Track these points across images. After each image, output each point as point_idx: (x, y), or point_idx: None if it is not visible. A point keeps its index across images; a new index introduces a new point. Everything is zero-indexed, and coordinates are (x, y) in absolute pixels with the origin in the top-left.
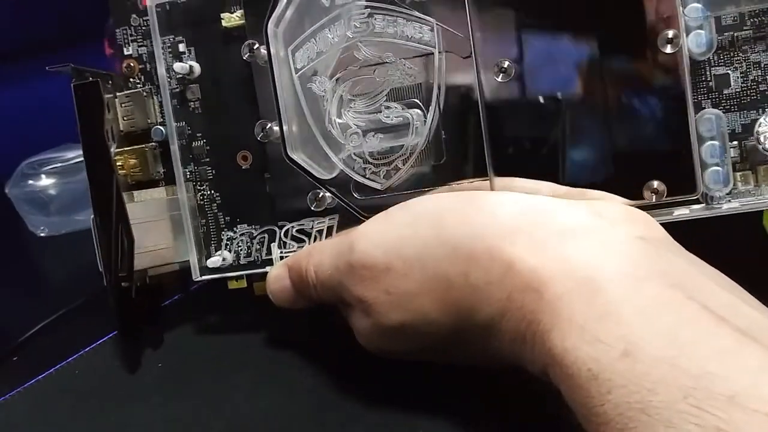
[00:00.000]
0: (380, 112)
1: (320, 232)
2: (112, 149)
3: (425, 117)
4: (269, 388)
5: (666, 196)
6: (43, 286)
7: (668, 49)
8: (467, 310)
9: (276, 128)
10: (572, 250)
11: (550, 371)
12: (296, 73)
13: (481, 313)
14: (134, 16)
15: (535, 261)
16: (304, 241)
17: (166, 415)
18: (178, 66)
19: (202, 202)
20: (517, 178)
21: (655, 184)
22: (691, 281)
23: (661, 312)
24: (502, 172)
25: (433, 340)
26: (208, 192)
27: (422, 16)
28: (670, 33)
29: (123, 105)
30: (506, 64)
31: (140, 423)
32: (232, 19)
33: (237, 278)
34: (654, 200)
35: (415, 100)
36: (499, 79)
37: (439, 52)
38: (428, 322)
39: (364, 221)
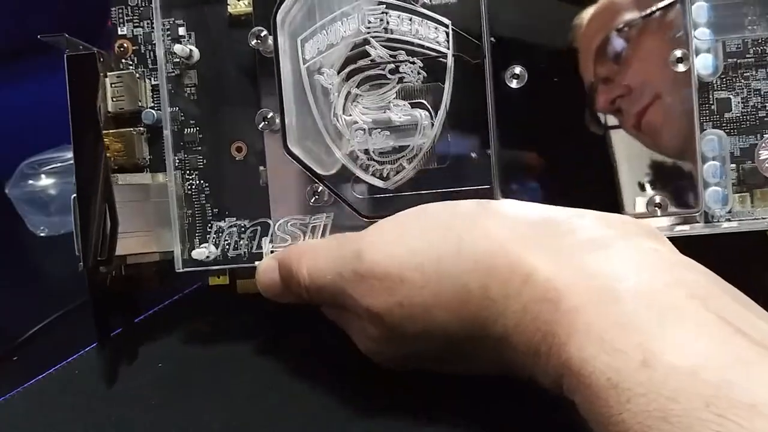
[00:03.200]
0: (388, 110)
1: (315, 228)
2: None
3: (433, 119)
4: (269, 389)
5: (667, 212)
6: (43, 286)
7: (678, 68)
8: (483, 322)
9: (278, 119)
10: (588, 261)
11: (565, 382)
12: (304, 64)
13: (496, 325)
14: None
15: (552, 272)
16: (298, 236)
17: (166, 414)
18: (178, 48)
19: (189, 192)
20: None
21: (658, 198)
22: (707, 292)
23: (679, 321)
24: (506, 180)
25: (444, 351)
26: (197, 182)
27: (437, 17)
28: (679, 52)
29: (113, 85)
30: (518, 69)
31: (140, 423)
32: (238, 5)
33: (219, 274)
34: (660, 214)
35: (424, 101)
36: (512, 85)
37: (453, 55)
38: (442, 333)
39: (361, 220)
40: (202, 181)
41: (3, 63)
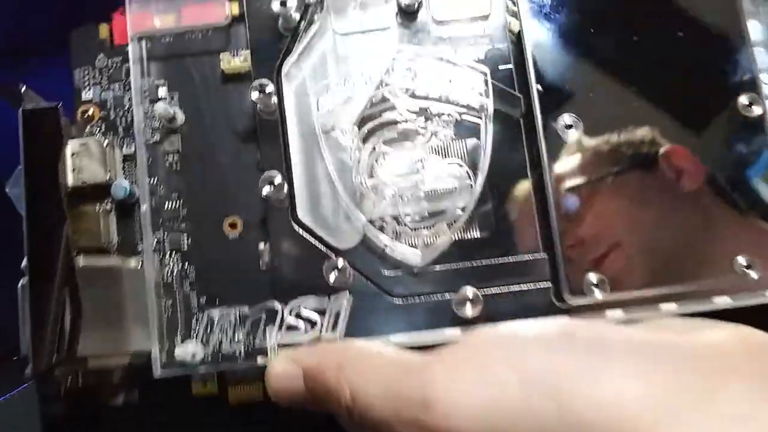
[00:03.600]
0: (421, 169)
1: (335, 313)
2: None
3: (472, 180)
4: None
5: (758, 273)
6: None
7: (749, 113)
8: None
9: (286, 184)
10: None
11: None
12: (318, 120)
13: None
14: (101, 55)
15: None
16: (315, 324)
17: None
18: (160, 108)
19: (170, 279)
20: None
21: (743, 259)
22: None
23: None
24: (570, 253)
25: None
26: (179, 266)
27: (474, 65)
28: (746, 98)
29: (75, 155)
30: (569, 119)
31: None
32: (233, 62)
33: (206, 380)
34: (755, 276)
35: (460, 160)
36: (567, 138)
37: (493, 107)
38: None
39: (391, 300)
40: (185, 264)
41: (3, 63)
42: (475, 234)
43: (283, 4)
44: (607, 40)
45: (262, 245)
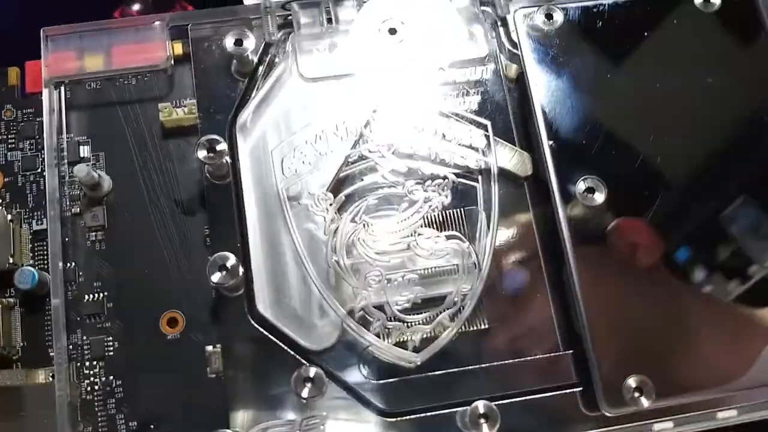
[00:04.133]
0: (410, 246)
1: None
2: None
3: (476, 257)
4: None
5: None
6: None
7: None
8: None
9: (241, 269)
10: None
11: None
12: (281, 186)
13: None
14: (9, 106)
15: None
16: None
17: None
18: (82, 171)
19: (90, 397)
20: None
21: None
22: None
23: None
24: (602, 341)
25: None
26: (103, 378)
27: (471, 116)
28: None
29: None
30: (590, 181)
31: None
32: (175, 113)
33: None
34: None
35: (459, 233)
36: (591, 203)
37: (497, 168)
38: None
39: (379, 420)
40: (111, 378)
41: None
42: (483, 325)
43: (239, 42)
44: (629, 84)
45: (210, 348)
